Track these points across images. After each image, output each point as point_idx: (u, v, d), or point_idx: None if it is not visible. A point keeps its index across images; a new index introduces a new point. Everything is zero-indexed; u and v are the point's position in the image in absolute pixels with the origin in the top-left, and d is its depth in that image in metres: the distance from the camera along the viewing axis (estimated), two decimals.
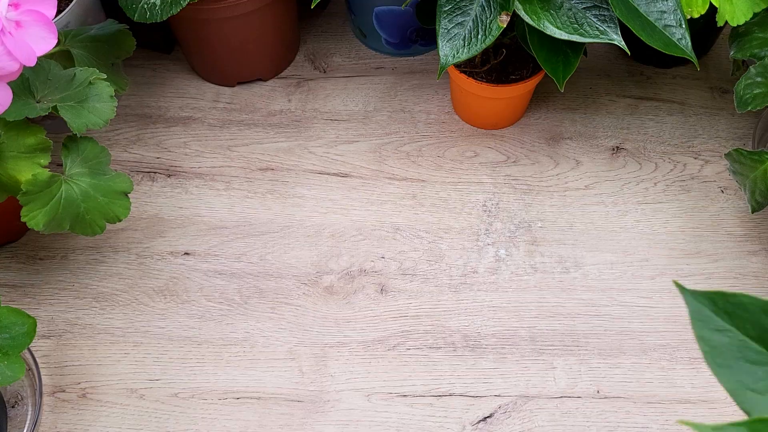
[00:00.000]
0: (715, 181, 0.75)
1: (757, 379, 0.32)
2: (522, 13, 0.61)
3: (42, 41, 0.54)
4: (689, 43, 0.62)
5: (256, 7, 0.75)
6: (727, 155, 0.64)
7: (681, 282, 0.68)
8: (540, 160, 0.77)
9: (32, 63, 0.52)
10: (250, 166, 0.77)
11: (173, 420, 0.63)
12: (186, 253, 0.72)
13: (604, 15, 0.62)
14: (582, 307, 0.67)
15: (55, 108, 0.59)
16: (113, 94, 0.62)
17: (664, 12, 0.63)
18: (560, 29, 0.61)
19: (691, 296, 0.35)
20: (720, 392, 0.62)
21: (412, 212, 0.74)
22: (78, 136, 0.62)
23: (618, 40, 0.62)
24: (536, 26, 0.61)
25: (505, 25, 0.61)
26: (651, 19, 0.63)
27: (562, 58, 0.64)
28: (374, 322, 0.68)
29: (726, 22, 0.64)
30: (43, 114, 0.58)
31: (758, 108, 0.61)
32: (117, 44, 0.70)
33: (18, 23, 0.53)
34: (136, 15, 0.67)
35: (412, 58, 0.86)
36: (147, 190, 0.76)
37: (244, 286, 0.70)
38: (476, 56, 0.73)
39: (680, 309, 0.67)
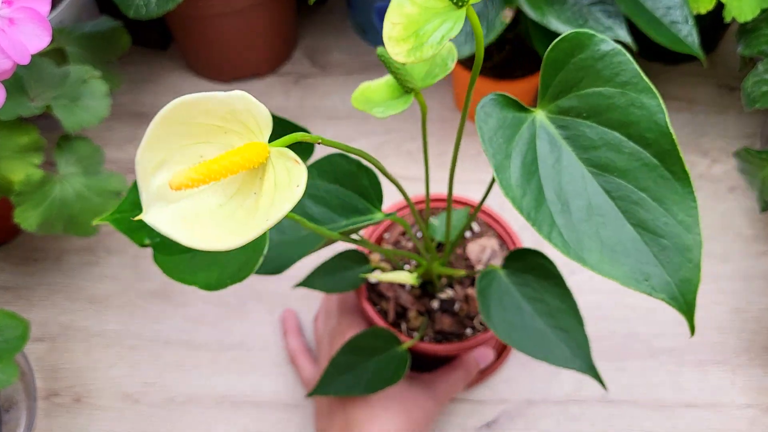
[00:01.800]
0: (723, 180, 0.74)
1: None
2: (526, 9, 0.60)
3: (36, 39, 0.52)
4: (696, 40, 0.61)
5: (253, 3, 0.74)
6: (736, 154, 0.63)
7: None
8: None
9: (26, 61, 0.51)
10: None
11: (169, 425, 0.61)
12: None
13: (610, 10, 0.61)
14: (588, 309, 0.66)
15: (48, 107, 0.58)
16: (107, 92, 0.61)
17: (671, 8, 0.62)
18: (565, 24, 0.60)
19: None
20: (728, 396, 0.61)
21: None
22: (72, 135, 0.61)
23: (624, 36, 0.61)
24: (540, 22, 0.60)
25: (509, 21, 0.59)
26: (657, 15, 0.62)
27: None
28: None
29: (733, 19, 0.63)
30: (37, 113, 0.58)
31: (766, 106, 0.60)
32: (112, 41, 0.69)
33: (11, 20, 0.52)
34: (131, 11, 0.66)
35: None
36: None
37: (241, 288, 0.68)
38: None
39: None
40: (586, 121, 0.32)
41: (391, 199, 0.75)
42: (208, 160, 0.26)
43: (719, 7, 0.64)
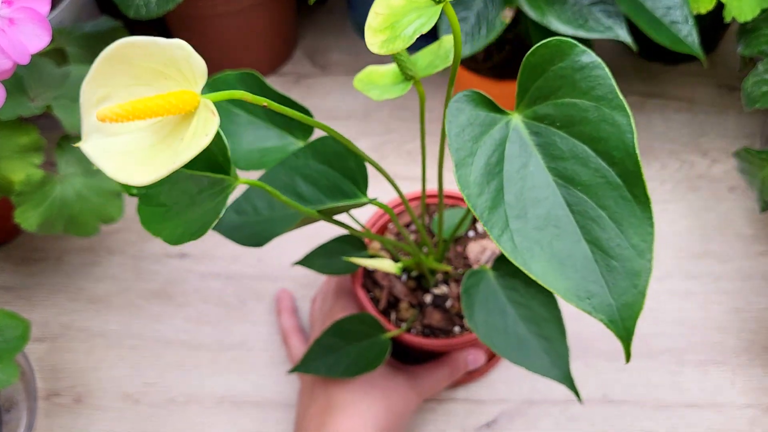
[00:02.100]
0: (723, 180, 0.74)
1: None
2: (526, 8, 0.60)
3: (36, 39, 0.53)
4: (696, 40, 0.61)
5: (253, 3, 0.74)
6: (736, 154, 0.63)
7: (688, 284, 0.67)
8: None
9: (26, 61, 0.51)
10: None
11: (169, 425, 0.61)
12: (182, 255, 0.71)
13: (610, 10, 0.61)
14: None
15: (49, 107, 0.58)
16: None
17: (671, 8, 0.62)
18: (565, 25, 0.60)
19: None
20: (729, 396, 0.61)
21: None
22: (72, 135, 0.61)
23: (624, 36, 0.61)
24: (541, 22, 0.60)
25: (509, 21, 0.59)
26: (657, 15, 0.62)
27: None
28: None
29: (733, 18, 0.63)
30: (37, 113, 0.58)
31: (766, 106, 0.60)
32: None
33: (11, 20, 0.52)
34: (131, 12, 0.66)
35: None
36: None
37: (241, 288, 0.68)
38: (479, 52, 0.72)
39: (688, 312, 0.66)
40: (559, 131, 0.32)
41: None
42: (136, 100, 0.28)
43: (719, 7, 0.64)
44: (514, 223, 0.31)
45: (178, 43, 0.27)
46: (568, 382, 0.46)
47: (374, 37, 0.31)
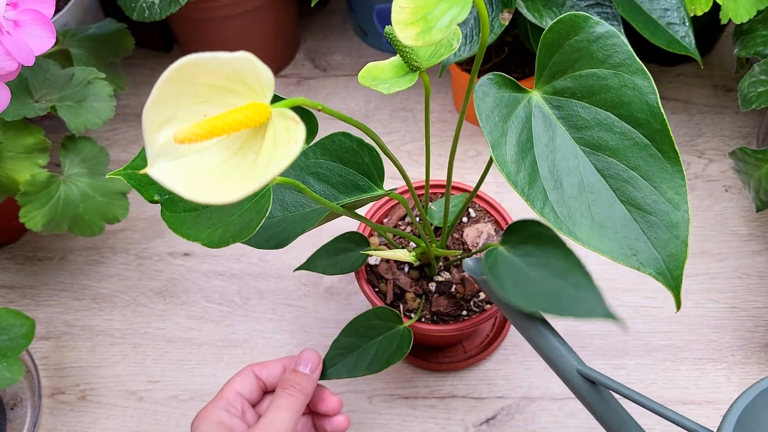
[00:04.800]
0: (719, 180, 0.75)
1: None
2: (524, 11, 0.60)
3: (40, 40, 0.53)
4: (693, 41, 0.62)
5: (256, 6, 0.75)
6: (732, 154, 0.64)
7: (684, 283, 0.67)
8: None
9: (30, 62, 0.52)
10: None
11: (173, 422, 0.62)
12: (185, 254, 0.71)
13: (607, 12, 0.62)
14: None
15: (53, 108, 0.59)
16: (112, 93, 0.62)
17: (667, 9, 0.63)
18: None
19: None
20: (725, 393, 0.62)
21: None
22: (77, 136, 0.61)
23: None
24: (538, 23, 0.60)
25: (507, 23, 0.60)
26: (654, 16, 0.62)
27: None
28: None
29: (729, 20, 0.63)
30: (42, 114, 0.58)
31: (762, 106, 0.61)
32: (116, 43, 0.70)
33: (16, 22, 0.52)
34: (135, 14, 0.66)
35: None
36: None
37: (244, 287, 0.69)
38: None
39: (684, 309, 0.67)
40: (580, 102, 0.33)
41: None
42: (212, 117, 0.27)
43: (716, 9, 0.64)
44: (552, 194, 0.33)
45: (243, 55, 0.26)
46: (612, 317, 0.46)
47: (406, 30, 0.31)
